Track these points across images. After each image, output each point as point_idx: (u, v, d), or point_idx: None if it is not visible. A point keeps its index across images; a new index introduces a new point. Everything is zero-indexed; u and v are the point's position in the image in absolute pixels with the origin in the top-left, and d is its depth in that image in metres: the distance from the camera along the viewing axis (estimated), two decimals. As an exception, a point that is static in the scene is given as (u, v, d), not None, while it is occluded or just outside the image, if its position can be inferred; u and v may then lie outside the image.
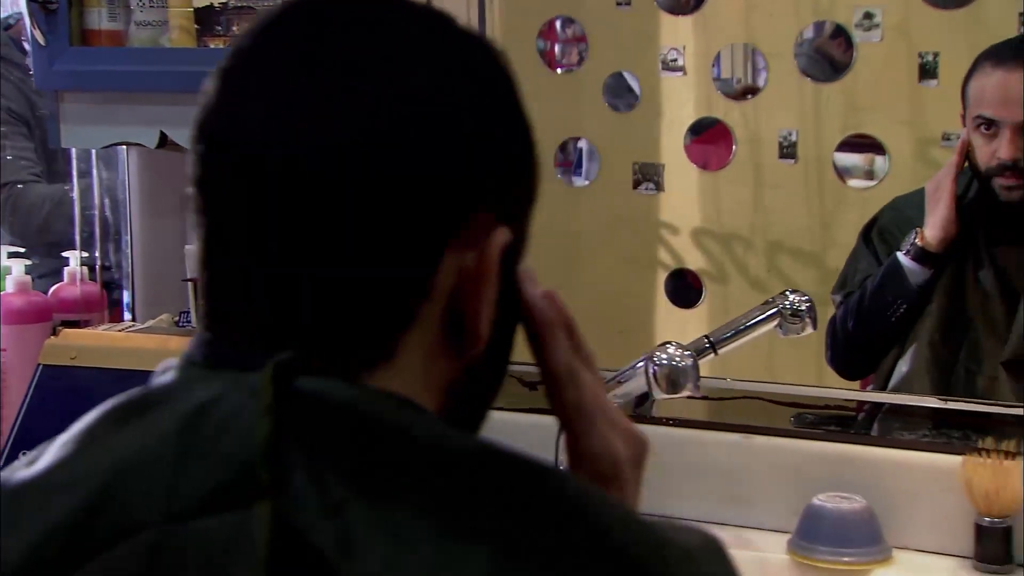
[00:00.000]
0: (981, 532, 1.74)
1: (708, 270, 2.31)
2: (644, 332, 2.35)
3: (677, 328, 2.27)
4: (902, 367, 2.00)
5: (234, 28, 2.18)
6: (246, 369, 0.75)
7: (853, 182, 2.16)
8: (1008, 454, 1.74)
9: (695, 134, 2.29)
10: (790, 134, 2.24)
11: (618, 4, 2.31)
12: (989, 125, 1.91)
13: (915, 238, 1.96)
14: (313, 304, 0.77)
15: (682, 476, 1.91)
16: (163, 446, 0.74)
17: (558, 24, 2.35)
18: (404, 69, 0.79)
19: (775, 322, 1.86)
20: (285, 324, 0.77)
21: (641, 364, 1.73)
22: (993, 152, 1.90)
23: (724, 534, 1.76)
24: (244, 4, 1.97)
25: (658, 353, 1.73)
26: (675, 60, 2.28)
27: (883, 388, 2.02)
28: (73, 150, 2.57)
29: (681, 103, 2.31)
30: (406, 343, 0.79)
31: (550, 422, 0.92)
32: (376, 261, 0.77)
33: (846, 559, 1.74)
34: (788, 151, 2.24)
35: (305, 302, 0.77)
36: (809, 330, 1.88)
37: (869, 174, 2.13)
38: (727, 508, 1.90)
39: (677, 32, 2.28)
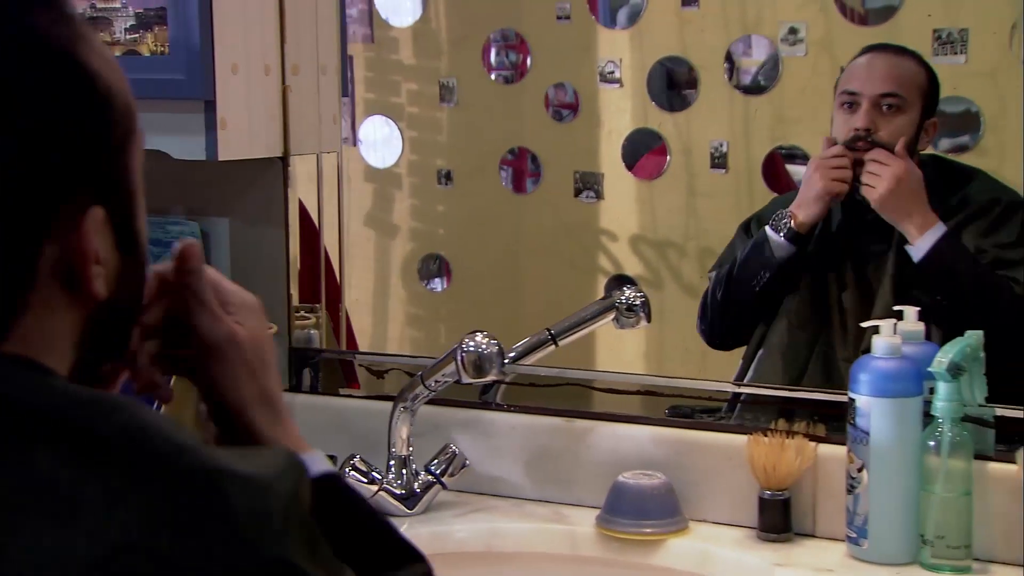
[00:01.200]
0: (763, 504, 1.86)
1: (645, 276, 2.41)
2: (584, 337, 2.44)
3: (615, 331, 2.36)
4: (761, 349, 2.12)
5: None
6: None
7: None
8: (787, 433, 1.87)
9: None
10: (721, 145, 2.35)
11: (558, 18, 2.42)
12: (851, 104, 2.05)
13: (787, 216, 2.08)
14: None
15: (514, 457, 2.01)
16: None
17: (502, 37, 2.44)
18: None
19: (611, 316, 1.99)
20: None
21: (453, 351, 1.85)
22: (852, 126, 2.03)
23: (544, 511, 1.95)
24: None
25: (467, 341, 1.85)
26: (612, 72, 2.39)
27: (746, 368, 2.13)
28: None
29: (619, 114, 2.41)
30: (27, 316, 0.87)
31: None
32: None
33: (646, 530, 1.85)
34: (719, 161, 2.35)
35: None
36: (643, 324, 2.02)
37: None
38: (551, 487, 2.00)
39: (614, 45, 2.39)
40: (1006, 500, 1.77)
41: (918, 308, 1.87)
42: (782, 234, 2.08)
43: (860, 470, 1.80)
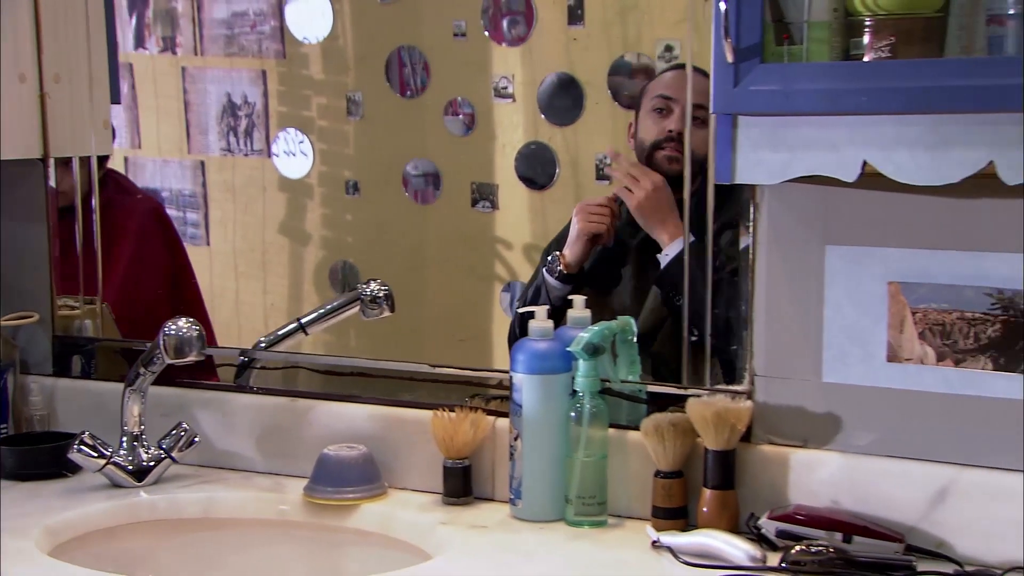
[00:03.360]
0: (446, 472, 1.99)
1: (538, 282, 2.53)
2: (483, 340, 2.53)
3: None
4: None
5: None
6: None
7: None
8: (469, 408, 1.99)
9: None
10: (605, 157, 2.45)
11: (455, 35, 2.57)
12: (664, 109, 2.13)
13: (556, 260, 2.19)
14: None
15: (246, 434, 2.19)
16: None
17: (403, 54, 2.56)
18: None
19: (357, 307, 2.13)
20: None
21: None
22: (664, 127, 2.12)
23: (267, 482, 2.23)
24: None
25: (170, 325, 2.06)
26: (506, 88, 2.54)
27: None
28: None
29: (512, 128, 2.55)
30: None
31: None
32: None
33: (347, 496, 2.00)
34: (604, 173, 2.45)
35: None
36: (387, 314, 2.19)
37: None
38: (277, 460, 2.17)
39: (507, 62, 2.53)
40: (639, 463, 1.88)
41: (585, 297, 1.96)
42: (555, 276, 2.19)
43: (516, 439, 1.90)
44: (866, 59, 1.54)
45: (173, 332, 2.06)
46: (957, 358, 1.68)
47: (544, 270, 2.22)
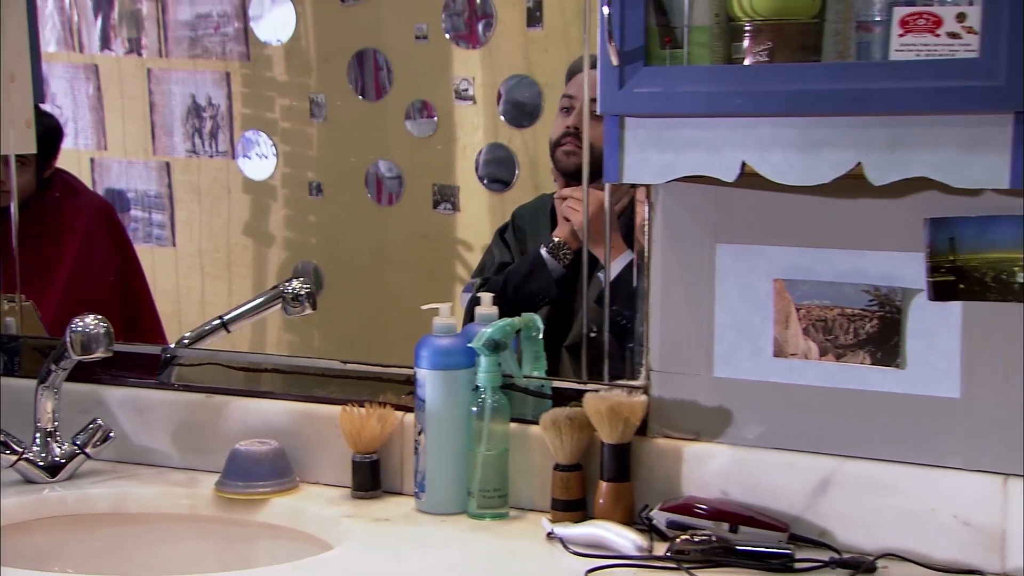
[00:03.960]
0: (354, 466, 2.03)
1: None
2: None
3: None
4: None
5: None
6: None
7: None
8: (382, 404, 2.03)
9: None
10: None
11: (417, 38, 2.59)
12: (568, 108, 2.18)
13: (566, 245, 2.19)
14: None
15: (162, 430, 2.23)
16: None
17: (365, 56, 2.56)
18: None
19: (278, 304, 2.17)
20: None
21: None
22: (565, 124, 2.18)
23: (182, 476, 2.25)
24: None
25: (77, 322, 2.09)
26: (466, 90, 2.54)
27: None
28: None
29: (473, 129, 2.57)
30: None
31: None
32: None
33: (258, 490, 2.04)
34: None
35: None
36: (308, 312, 2.22)
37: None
38: (192, 456, 2.20)
39: (467, 64, 2.52)
40: (540, 456, 1.92)
41: (493, 294, 2.00)
42: (563, 264, 2.20)
43: (420, 433, 1.94)
44: (746, 63, 1.59)
45: (80, 329, 2.09)
46: (838, 353, 1.73)
47: (547, 255, 2.21)
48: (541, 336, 1.96)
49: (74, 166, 2.74)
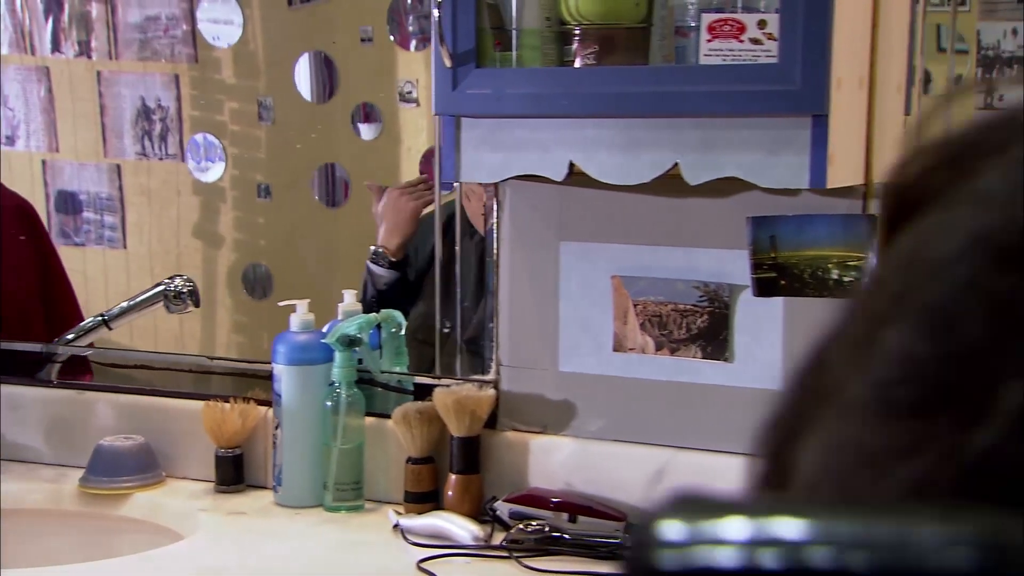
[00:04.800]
0: (218, 461, 2.07)
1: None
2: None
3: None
4: None
5: None
6: None
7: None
8: (245, 399, 2.07)
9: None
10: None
11: (362, 40, 2.59)
12: None
13: (383, 252, 2.26)
14: None
15: (36, 427, 2.24)
16: None
17: (311, 59, 2.54)
18: None
19: (161, 302, 2.20)
20: None
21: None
22: None
23: (52, 473, 2.31)
24: None
25: None
26: (410, 92, 2.54)
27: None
28: None
29: (417, 132, 2.55)
30: None
31: None
32: None
33: (122, 485, 2.07)
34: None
35: None
36: (191, 309, 2.26)
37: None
38: (63, 451, 2.21)
39: (411, 66, 2.51)
40: (396, 450, 1.96)
41: (355, 291, 2.04)
42: (383, 266, 2.25)
43: (277, 428, 1.98)
44: (576, 66, 1.64)
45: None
46: (672, 347, 1.78)
47: (368, 261, 2.27)
48: (402, 332, 2.00)
49: (26, 168, 2.75)
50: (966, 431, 0.31)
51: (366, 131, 2.51)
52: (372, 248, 2.28)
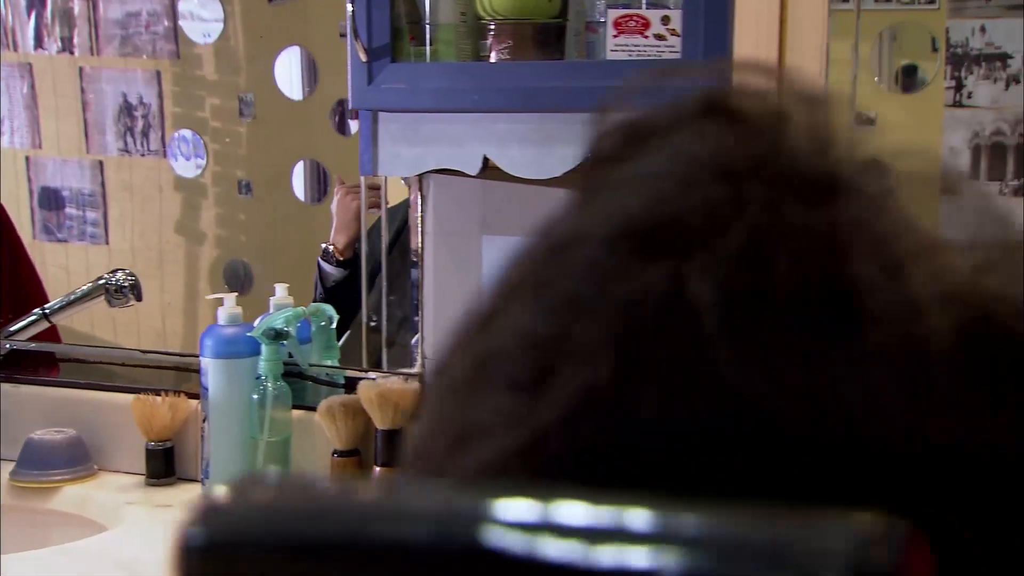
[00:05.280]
0: (148, 454, 2.08)
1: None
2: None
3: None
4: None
5: None
6: None
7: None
8: (176, 392, 2.09)
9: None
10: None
11: (341, 35, 2.57)
12: None
13: (331, 250, 2.26)
14: None
15: None
16: None
17: (291, 54, 2.51)
18: None
19: (102, 296, 2.21)
20: None
21: None
22: None
23: None
24: None
25: None
26: None
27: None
28: None
29: None
30: None
31: None
32: None
33: (53, 478, 2.08)
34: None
35: None
36: (133, 303, 2.26)
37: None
38: (2, 447, 2.21)
39: None
40: (324, 443, 1.97)
41: (288, 284, 2.04)
42: (333, 264, 2.26)
43: (204, 421, 1.98)
44: (492, 60, 1.65)
45: None
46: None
47: (319, 259, 2.28)
48: (333, 326, 2.01)
49: (10, 165, 2.75)
50: (534, 410, 0.32)
51: (345, 126, 2.49)
52: (323, 245, 2.29)
